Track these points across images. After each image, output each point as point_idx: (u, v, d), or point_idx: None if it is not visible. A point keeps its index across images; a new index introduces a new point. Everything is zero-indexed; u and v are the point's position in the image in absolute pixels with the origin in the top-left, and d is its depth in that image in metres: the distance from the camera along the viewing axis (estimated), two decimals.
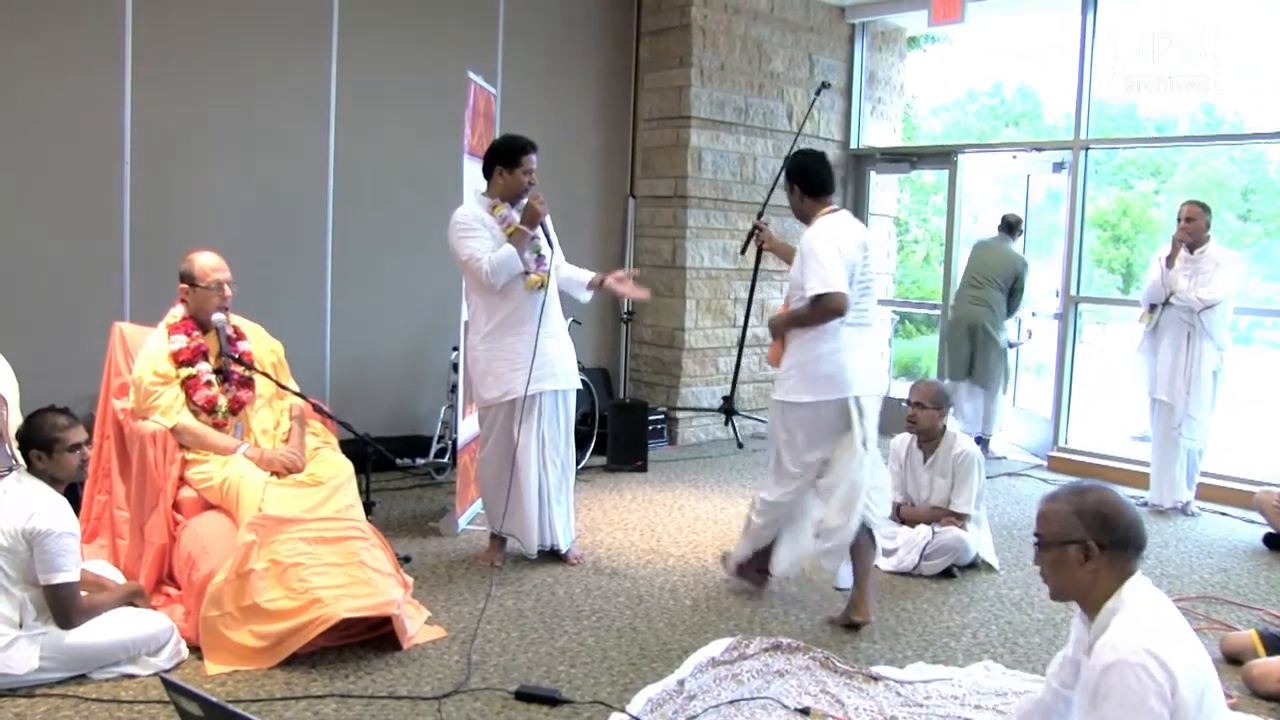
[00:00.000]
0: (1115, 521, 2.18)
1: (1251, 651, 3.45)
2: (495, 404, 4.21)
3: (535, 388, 4.15)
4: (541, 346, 4.13)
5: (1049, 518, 2.24)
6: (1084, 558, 2.17)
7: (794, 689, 3.13)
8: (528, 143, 4.25)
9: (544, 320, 4.19)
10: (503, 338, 4.17)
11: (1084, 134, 6.68)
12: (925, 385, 4.61)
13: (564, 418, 4.36)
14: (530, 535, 4.27)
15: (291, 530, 3.36)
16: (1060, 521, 2.21)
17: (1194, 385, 5.42)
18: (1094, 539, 2.16)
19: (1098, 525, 2.17)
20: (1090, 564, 2.17)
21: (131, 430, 3.65)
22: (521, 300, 4.17)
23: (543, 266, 4.22)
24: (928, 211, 14.80)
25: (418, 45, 5.91)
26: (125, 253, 4.96)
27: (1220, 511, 5.66)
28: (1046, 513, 2.25)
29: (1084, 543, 2.16)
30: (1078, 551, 2.17)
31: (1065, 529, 2.19)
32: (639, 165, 7.23)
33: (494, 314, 4.19)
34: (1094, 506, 2.19)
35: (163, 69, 4.97)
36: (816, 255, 3.75)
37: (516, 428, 4.16)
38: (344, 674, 3.17)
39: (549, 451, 4.30)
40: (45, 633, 2.97)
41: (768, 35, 7.28)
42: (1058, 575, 2.23)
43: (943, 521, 4.44)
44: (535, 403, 4.20)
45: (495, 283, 4.09)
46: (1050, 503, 2.26)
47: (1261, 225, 14.17)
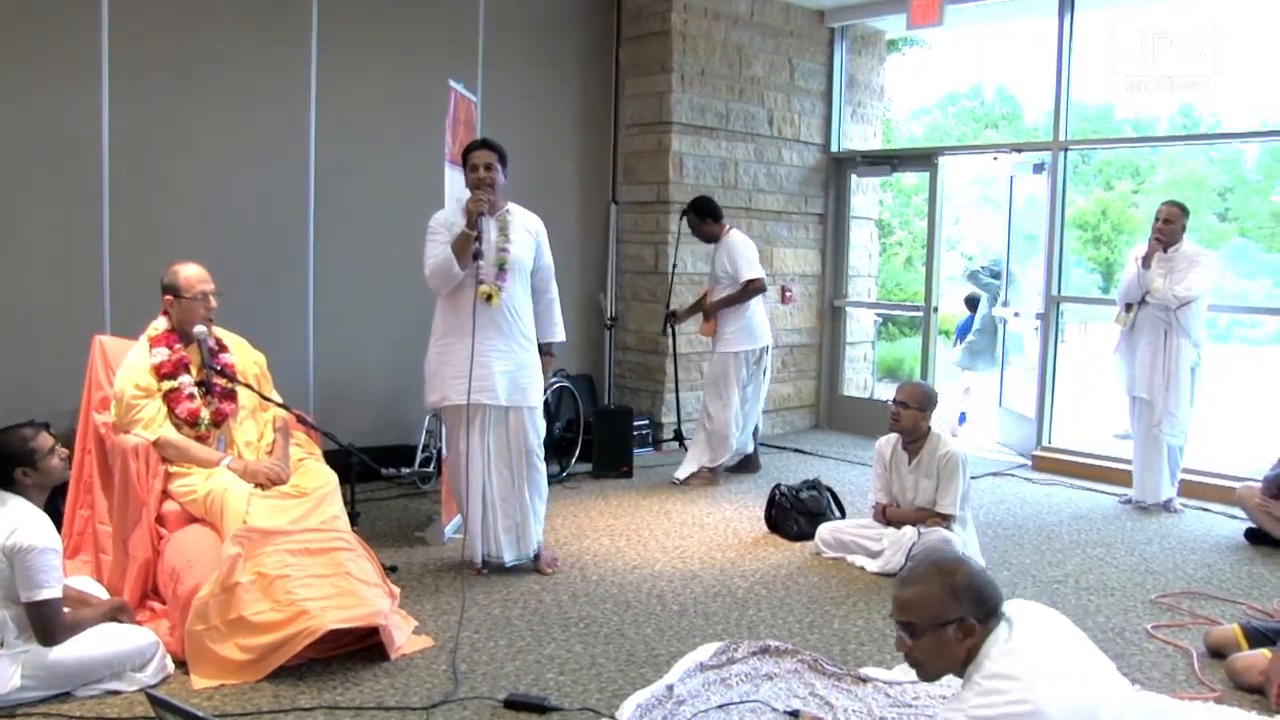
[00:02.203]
0: (985, 592, 2.11)
1: (1235, 645, 3.48)
2: (438, 409, 4.31)
3: (472, 399, 4.11)
4: (484, 360, 4.10)
5: (919, 602, 2.13)
6: (962, 635, 2.09)
7: (783, 692, 3.14)
8: (476, 141, 4.24)
9: (496, 335, 4.14)
10: (451, 344, 4.18)
11: (1063, 135, 6.74)
12: (911, 386, 4.62)
13: (512, 433, 4.24)
14: (474, 544, 4.25)
15: (277, 542, 3.35)
16: (935, 604, 2.11)
17: (1172, 382, 5.47)
18: (973, 615, 2.08)
19: (974, 600, 2.09)
20: (968, 640, 2.09)
21: (113, 444, 3.62)
22: (467, 309, 4.11)
23: (501, 279, 4.15)
24: (909, 214, 14.87)
25: (398, 53, 5.90)
26: (105, 265, 4.92)
27: (1202, 508, 5.70)
28: (914, 598, 2.14)
29: (963, 620, 2.08)
30: (956, 631, 2.09)
31: (941, 610, 2.10)
32: (621, 171, 7.24)
33: (445, 319, 4.22)
34: (965, 582, 2.11)
35: (140, 80, 4.94)
36: (744, 253, 5.97)
37: (462, 435, 4.18)
38: (332, 685, 3.16)
39: (495, 463, 4.24)
40: (27, 651, 2.93)
41: (748, 40, 7.31)
42: (937, 659, 2.14)
43: (928, 522, 4.45)
44: (478, 413, 4.17)
45: (434, 286, 4.14)
46: (917, 586, 2.15)
47: (1238, 224, 14.31)
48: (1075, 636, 2.23)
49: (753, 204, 7.45)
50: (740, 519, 5.31)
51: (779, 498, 5.07)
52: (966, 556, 2.25)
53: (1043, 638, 2.12)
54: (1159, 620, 3.93)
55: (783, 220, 7.70)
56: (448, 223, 4.17)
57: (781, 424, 7.83)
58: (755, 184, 7.45)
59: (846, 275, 8.13)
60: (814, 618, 3.89)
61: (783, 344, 7.79)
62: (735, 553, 4.73)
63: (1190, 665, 3.47)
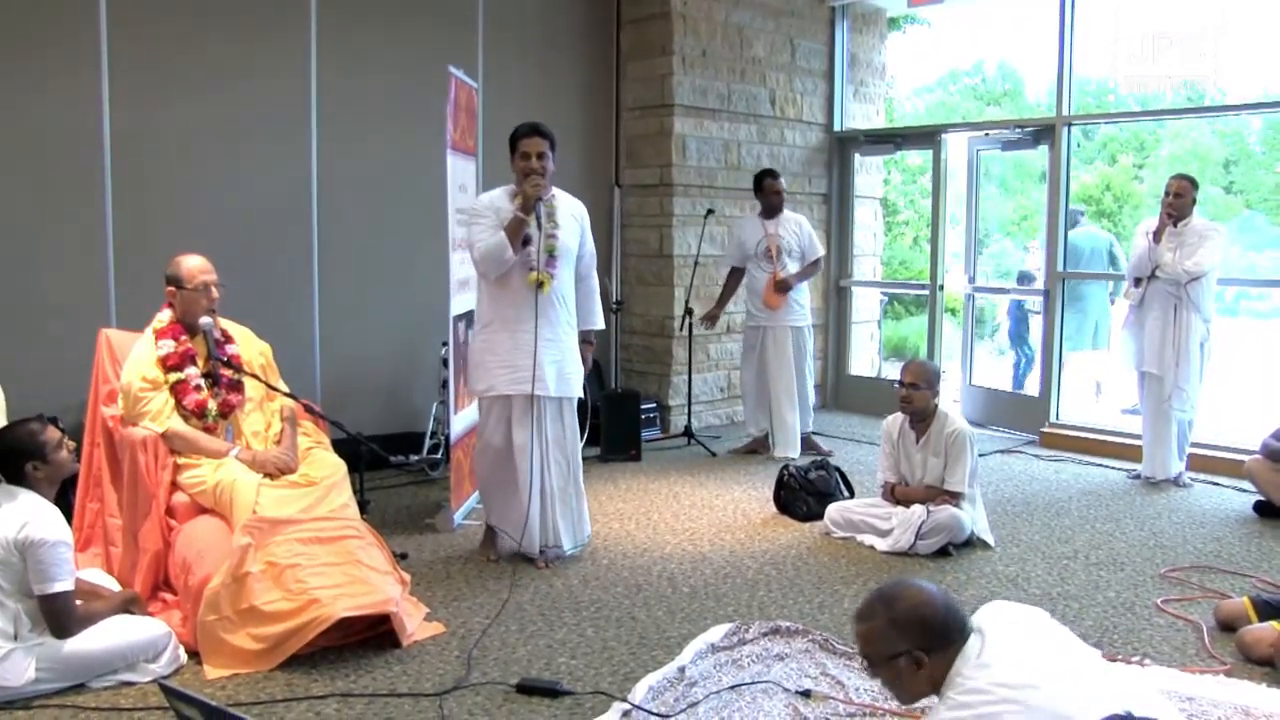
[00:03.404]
0: (931, 623, 2.10)
1: (1244, 618, 3.47)
2: (484, 397, 4.19)
3: (522, 389, 4.08)
4: (535, 349, 4.05)
5: (869, 638, 2.16)
6: (915, 666, 2.10)
7: (794, 672, 3.15)
8: (525, 126, 4.15)
9: (544, 324, 4.08)
10: (497, 332, 4.12)
11: (1066, 110, 6.69)
12: (917, 365, 4.59)
13: (567, 421, 4.27)
14: (532, 535, 4.20)
15: (287, 531, 3.36)
16: (881, 640, 2.13)
17: (1182, 357, 5.45)
18: (919, 647, 2.09)
19: (917, 633, 2.10)
20: (924, 669, 2.10)
21: (122, 437, 3.63)
22: (519, 297, 4.08)
23: (551, 267, 4.11)
24: (914, 193, 14.80)
25: (398, 41, 5.87)
26: (110, 259, 4.92)
27: (1211, 482, 5.69)
28: (864, 634, 2.17)
29: (910, 653, 2.10)
30: (908, 663, 2.10)
31: (888, 646, 2.12)
32: (623, 155, 7.21)
33: (493, 306, 4.14)
34: (906, 615, 2.11)
35: (141, 72, 4.93)
36: (815, 234, 6.46)
37: (511, 426, 4.12)
38: (344, 673, 3.17)
39: (553, 453, 4.22)
40: (41, 643, 2.95)
41: (748, 21, 7.26)
42: (901, 688, 2.17)
43: (937, 501, 4.45)
44: (533, 404, 4.12)
45: (483, 271, 4.06)
46: (864, 623, 2.18)
47: (1243, 196, 14.22)
48: (1054, 636, 2.19)
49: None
50: (749, 500, 5.32)
51: (788, 478, 5.07)
52: (918, 583, 2.19)
53: (1017, 646, 2.09)
54: (1168, 594, 3.93)
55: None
56: (494, 206, 4.10)
57: None
58: (758, 165, 7.39)
59: (851, 255, 8.11)
60: (824, 598, 3.90)
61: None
62: (745, 534, 4.73)
63: (1200, 639, 3.47)
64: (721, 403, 7.40)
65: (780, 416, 6.26)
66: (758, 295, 6.29)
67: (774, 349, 6.26)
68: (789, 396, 6.23)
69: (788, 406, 6.23)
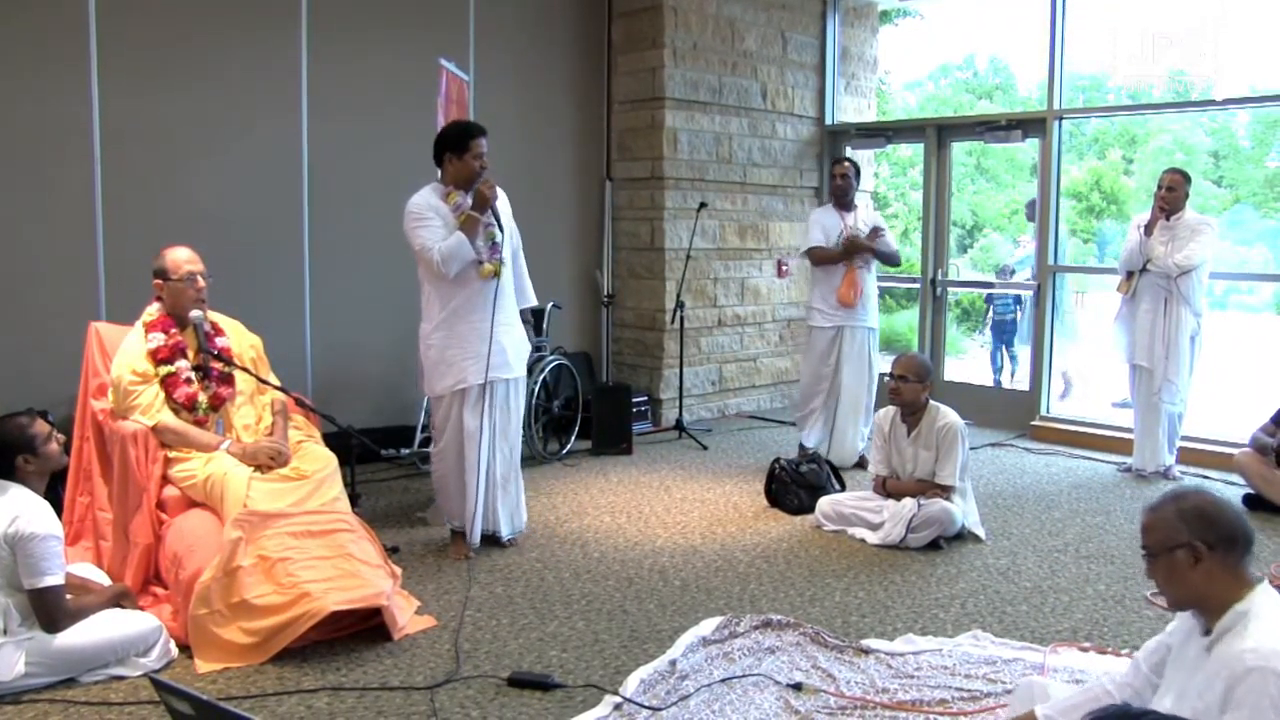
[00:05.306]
0: (1218, 519, 2.13)
1: None
2: (448, 393, 4.18)
3: (490, 375, 4.13)
4: (495, 335, 4.12)
5: (1152, 527, 2.20)
6: (1194, 560, 2.12)
7: (785, 665, 3.15)
8: (475, 127, 4.21)
9: (497, 309, 4.16)
10: (455, 326, 4.15)
11: (1057, 104, 6.70)
12: (908, 358, 4.60)
13: (514, 406, 4.35)
14: (474, 525, 4.24)
15: (278, 525, 3.35)
16: (1164, 528, 2.16)
17: (1172, 350, 5.47)
18: (1200, 539, 2.11)
19: (1202, 525, 2.12)
20: (1201, 565, 2.11)
21: (112, 430, 3.62)
22: (474, 289, 4.14)
23: (496, 254, 4.18)
24: (905, 186, 14.82)
25: (388, 34, 5.85)
26: (99, 252, 4.90)
27: (1201, 474, 5.72)
28: (1149, 523, 2.21)
29: (1190, 544, 2.11)
30: (1186, 555, 2.12)
31: (1170, 535, 2.15)
32: (615, 148, 7.20)
33: (447, 302, 4.16)
34: (1194, 507, 2.15)
35: (130, 64, 4.90)
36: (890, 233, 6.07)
37: (464, 414, 4.16)
38: (336, 667, 3.17)
39: (499, 440, 4.28)
40: (31, 638, 2.94)
41: (740, 14, 7.25)
42: (1172, 584, 2.18)
43: (928, 494, 4.46)
44: (488, 391, 4.17)
45: (447, 271, 4.07)
46: (1151, 513, 2.22)
47: (1232, 190, 14.28)
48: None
49: (747, 178, 7.42)
50: (740, 494, 5.32)
51: (779, 471, 5.08)
52: (1209, 489, 2.25)
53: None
54: None
55: (778, 194, 7.67)
56: (432, 206, 4.13)
57: (780, 398, 7.83)
58: (750, 158, 7.42)
59: None
60: (815, 591, 3.91)
61: (780, 318, 7.79)
62: (736, 527, 4.74)
63: None
64: (713, 396, 7.40)
65: (841, 429, 5.88)
66: (832, 292, 5.82)
67: (852, 351, 5.86)
68: (855, 407, 5.86)
69: (852, 418, 5.87)
